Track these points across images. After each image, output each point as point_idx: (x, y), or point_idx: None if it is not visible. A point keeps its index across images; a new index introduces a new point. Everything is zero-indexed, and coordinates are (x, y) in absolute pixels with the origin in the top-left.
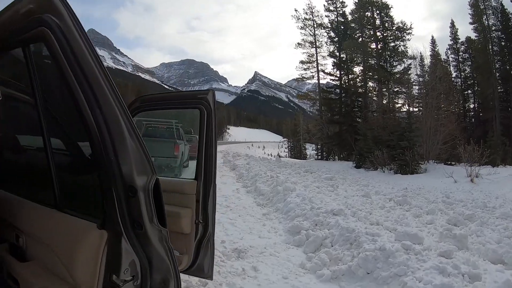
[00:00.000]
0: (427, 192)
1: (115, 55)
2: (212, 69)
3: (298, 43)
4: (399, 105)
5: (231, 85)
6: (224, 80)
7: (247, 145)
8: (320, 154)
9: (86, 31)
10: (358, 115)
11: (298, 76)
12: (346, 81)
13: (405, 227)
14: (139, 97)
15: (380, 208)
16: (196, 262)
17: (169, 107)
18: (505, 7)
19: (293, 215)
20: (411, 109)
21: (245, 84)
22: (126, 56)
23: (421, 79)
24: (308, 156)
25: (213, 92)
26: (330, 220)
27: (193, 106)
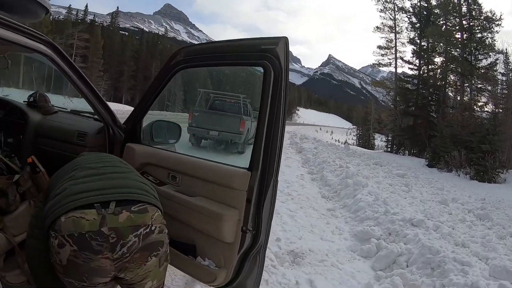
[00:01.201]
0: (508, 208)
1: (190, 30)
2: None
3: (377, 27)
4: (481, 103)
5: (304, 67)
6: (297, 61)
7: (315, 129)
8: (390, 146)
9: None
10: (434, 109)
11: (374, 62)
12: (425, 71)
13: (495, 254)
14: (182, 48)
15: (460, 222)
16: (237, 279)
17: (221, 63)
18: None
19: (362, 216)
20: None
21: (318, 66)
22: (201, 31)
23: (504, 78)
24: (375, 147)
25: (286, 40)
26: (408, 231)
27: (254, 62)
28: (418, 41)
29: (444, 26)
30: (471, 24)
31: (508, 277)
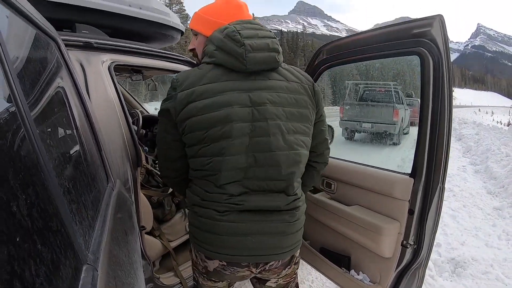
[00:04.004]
0: None
1: (328, 22)
2: None
3: None
4: None
5: (452, 41)
6: None
7: (474, 110)
8: None
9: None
10: None
11: None
12: None
13: None
14: (324, 46)
15: None
16: None
17: (368, 56)
18: None
19: None
20: None
21: (468, 39)
22: (339, 21)
23: None
24: None
25: (441, 19)
26: None
27: (407, 51)
28: None
29: None
30: None
31: None
